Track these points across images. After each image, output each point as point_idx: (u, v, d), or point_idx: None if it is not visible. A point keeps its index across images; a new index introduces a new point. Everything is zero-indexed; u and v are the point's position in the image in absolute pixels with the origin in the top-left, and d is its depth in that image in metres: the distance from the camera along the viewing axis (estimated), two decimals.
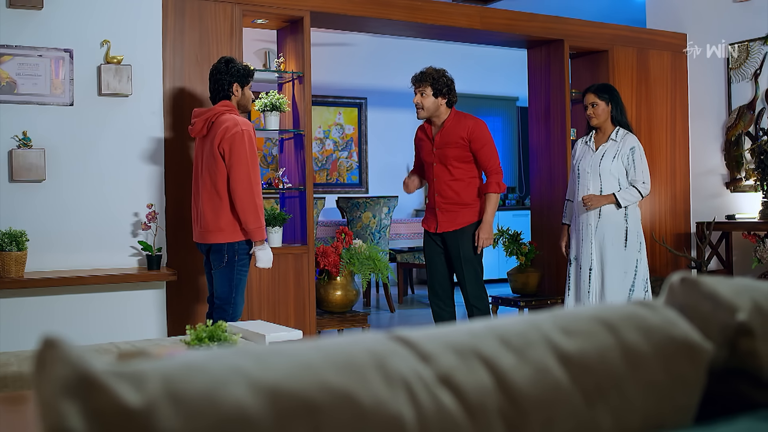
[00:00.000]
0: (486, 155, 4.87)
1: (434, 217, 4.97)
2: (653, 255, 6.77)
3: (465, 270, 4.88)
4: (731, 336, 0.91)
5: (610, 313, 0.89)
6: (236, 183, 4.14)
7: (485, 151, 4.88)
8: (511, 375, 0.79)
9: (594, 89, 5.05)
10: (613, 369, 0.83)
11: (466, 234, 4.90)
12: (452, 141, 4.87)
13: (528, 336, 0.83)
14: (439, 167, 4.92)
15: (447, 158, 4.88)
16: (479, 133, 4.86)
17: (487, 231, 4.86)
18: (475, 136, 4.85)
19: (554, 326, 0.85)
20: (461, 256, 4.88)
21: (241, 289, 4.35)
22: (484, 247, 4.87)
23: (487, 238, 4.86)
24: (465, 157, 4.88)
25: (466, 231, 4.90)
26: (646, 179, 4.89)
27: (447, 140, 4.88)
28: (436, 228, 4.94)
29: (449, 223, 4.91)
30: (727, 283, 0.97)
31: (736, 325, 0.91)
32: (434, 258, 4.99)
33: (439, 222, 4.94)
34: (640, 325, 0.87)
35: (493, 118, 11.03)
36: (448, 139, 4.87)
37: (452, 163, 4.88)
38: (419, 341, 0.80)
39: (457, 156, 4.87)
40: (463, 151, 4.86)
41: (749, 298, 0.93)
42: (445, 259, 4.98)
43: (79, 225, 4.70)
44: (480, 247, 4.85)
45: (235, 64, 4.35)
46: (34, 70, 4.62)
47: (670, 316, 0.90)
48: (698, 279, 0.97)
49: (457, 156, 4.86)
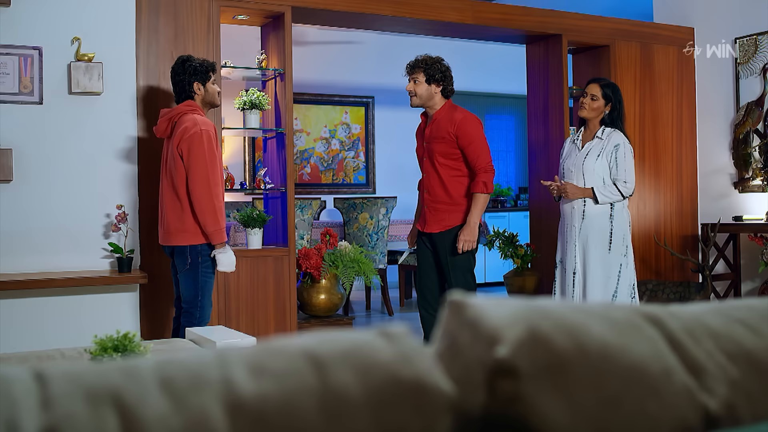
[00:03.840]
0: (474, 152, 4.56)
1: (424, 216, 4.75)
2: (658, 258, 6.52)
3: (453, 275, 4.61)
4: (489, 376, 0.73)
5: (327, 347, 0.71)
6: (194, 184, 4.02)
7: (473, 147, 4.56)
8: (150, 427, 0.62)
9: (601, 83, 4.75)
10: (301, 420, 0.65)
11: (452, 236, 4.65)
12: (439, 135, 4.59)
13: (202, 375, 0.66)
14: (428, 163, 4.67)
15: (433, 153, 4.62)
16: (467, 129, 4.55)
17: (469, 233, 4.58)
18: (462, 131, 4.54)
19: (245, 363, 0.68)
20: (449, 261, 4.64)
21: (207, 291, 4.22)
22: (465, 250, 4.59)
23: (469, 241, 4.59)
24: (452, 154, 4.58)
25: (452, 233, 4.65)
26: (628, 179, 4.64)
27: (435, 134, 4.61)
28: (425, 227, 4.72)
29: (436, 223, 4.67)
30: (504, 308, 0.78)
31: (492, 363, 0.73)
32: (423, 261, 4.76)
33: (427, 221, 4.70)
34: (361, 362, 0.69)
35: (507, 116, 10.81)
36: (437, 133, 4.60)
37: (438, 159, 4.61)
38: (52, 380, 0.64)
39: (442, 151, 4.59)
40: (449, 147, 4.57)
41: (525, 326, 0.75)
42: (435, 262, 4.76)
43: (49, 226, 4.59)
44: (459, 249, 4.59)
45: (192, 62, 4.21)
46: (2, 68, 4.52)
47: (408, 351, 0.72)
48: (464, 302, 0.78)
49: (443, 152, 4.59)
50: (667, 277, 6.51)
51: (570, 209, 4.78)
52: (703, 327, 0.95)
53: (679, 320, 0.95)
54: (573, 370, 0.76)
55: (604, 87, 4.71)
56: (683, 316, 0.96)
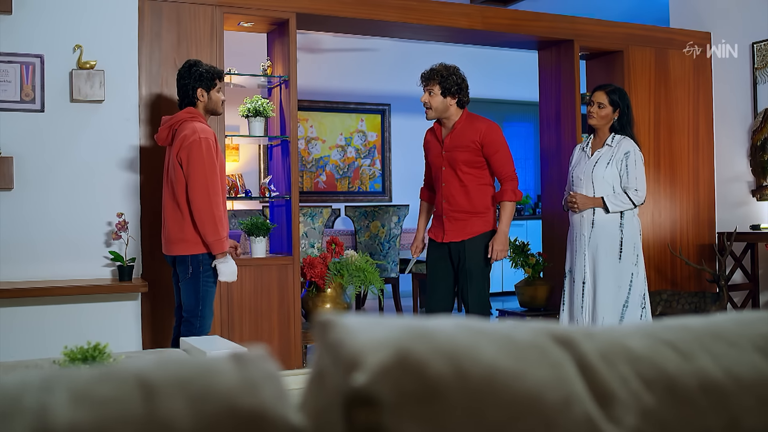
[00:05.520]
0: (500, 161, 4.56)
1: (441, 226, 4.67)
2: (674, 268, 6.38)
3: (470, 284, 4.55)
4: (345, 407, 0.65)
5: (163, 372, 0.64)
6: (194, 193, 3.97)
7: (499, 156, 4.56)
8: None
9: (607, 90, 4.66)
10: None
11: (475, 245, 4.56)
12: (463, 144, 4.56)
13: (19, 401, 0.60)
14: (448, 171, 4.62)
15: (456, 162, 4.58)
16: (493, 137, 4.55)
17: (502, 242, 4.53)
18: (488, 140, 4.53)
19: (70, 389, 0.61)
20: (468, 269, 4.55)
21: (208, 301, 4.17)
22: (498, 259, 4.55)
23: (502, 250, 4.53)
24: (476, 162, 4.57)
25: (475, 242, 4.57)
26: (639, 187, 4.53)
27: (457, 143, 4.58)
28: (443, 237, 4.64)
29: (457, 232, 4.60)
30: (377, 329, 0.70)
31: (348, 392, 0.65)
32: (437, 270, 4.67)
33: (446, 231, 4.63)
34: (198, 389, 0.62)
35: (525, 124, 10.70)
36: (459, 142, 4.57)
37: (461, 167, 4.57)
38: None
39: (467, 160, 4.56)
40: (474, 156, 4.55)
41: (394, 350, 0.67)
42: (451, 272, 4.67)
43: (50, 234, 4.57)
44: (493, 259, 4.54)
45: (199, 68, 4.18)
46: (4, 76, 4.52)
47: (257, 378, 0.65)
48: (330, 322, 0.71)
49: (468, 160, 4.56)
50: (684, 287, 6.36)
51: (579, 218, 4.68)
52: (623, 350, 0.87)
53: (595, 342, 0.86)
54: (448, 398, 0.68)
55: (610, 93, 4.61)
56: (602, 337, 0.88)
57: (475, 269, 4.55)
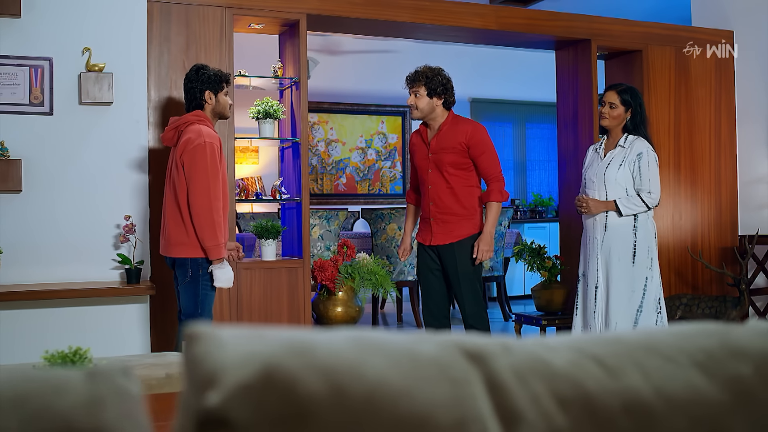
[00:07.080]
0: (487, 162, 4.54)
1: (429, 229, 4.63)
2: (695, 271, 6.24)
3: (462, 287, 4.52)
4: (198, 429, 0.59)
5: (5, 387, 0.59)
6: (194, 197, 3.94)
7: (486, 157, 4.54)
8: None
9: (618, 89, 4.56)
10: None
11: (463, 247, 4.54)
12: (449, 146, 4.53)
13: None
14: (435, 174, 4.58)
15: (443, 164, 4.54)
16: (479, 139, 4.53)
17: (487, 242, 4.50)
18: (474, 141, 4.51)
19: None
20: (458, 272, 4.52)
21: (207, 305, 4.14)
22: (483, 259, 4.51)
23: (487, 250, 4.50)
24: (462, 164, 4.54)
25: (463, 244, 4.54)
26: (653, 189, 4.42)
27: (443, 145, 4.55)
28: (431, 240, 4.60)
29: (445, 235, 4.57)
30: (247, 342, 0.64)
31: (200, 412, 0.59)
32: (428, 273, 4.65)
33: (433, 234, 4.60)
34: (33, 408, 0.56)
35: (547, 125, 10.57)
36: (445, 144, 4.54)
37: (448, 169, 4.54)
38: None
39: (453, 162, 4.53)
40: (461, 158, 4.53)
41: (259, 367, 0.61)
42: (442, 275, 4.64)
43: (59, 237, 4.57)
44: (479, 259, 4.50)
45: (206, 71, 4.16)
46: (12, 79, 4.52)
47: (105, 396, 0.59)
48: (196, 335, 0.65)
49: (454, 162, 4.53)
50: (705, 291, 6.22)
51: (592, 221, 4.59)
52: (541, 366, 0.80)
53: (511, 357, 0.80)
54: (321, 419, 0.62)
55: (622, 93, 4.50)
56: (520, 351, 0.82)
57: (467, 272, 4.53)
